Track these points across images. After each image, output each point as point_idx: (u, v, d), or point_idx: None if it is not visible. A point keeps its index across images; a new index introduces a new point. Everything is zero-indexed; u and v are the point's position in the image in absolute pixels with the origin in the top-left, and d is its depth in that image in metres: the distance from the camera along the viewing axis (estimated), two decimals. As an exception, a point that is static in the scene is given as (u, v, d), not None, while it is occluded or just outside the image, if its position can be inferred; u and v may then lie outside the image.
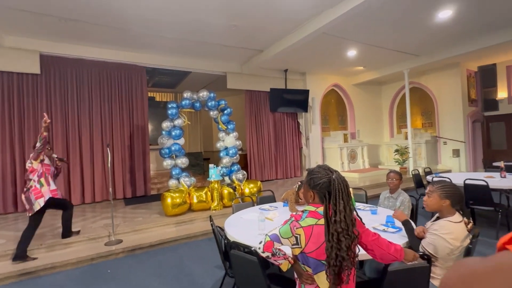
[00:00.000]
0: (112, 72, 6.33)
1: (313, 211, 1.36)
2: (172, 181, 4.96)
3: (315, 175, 1.37)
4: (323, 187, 1.33)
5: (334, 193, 1.29)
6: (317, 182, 1.35)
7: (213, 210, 4.93)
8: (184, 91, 5.22)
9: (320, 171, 1.37)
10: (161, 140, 4.96)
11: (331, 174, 1.33)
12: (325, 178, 1.32)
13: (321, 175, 1.35)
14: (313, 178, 1.37)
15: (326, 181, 1.32)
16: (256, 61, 7.37)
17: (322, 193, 1.33)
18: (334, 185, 1.30)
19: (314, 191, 1.37)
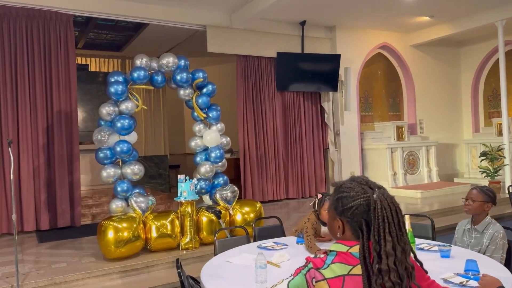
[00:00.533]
0: (17, 24, 6.30)
1: (343, 252, 1.34)
2: (117, 203, 4.95)
3: (345, 194, 1.34)
4: (357, 214, 1.31)
5: (376, 223, 1.26)
6: (348, 205, 1.32)
7: (184, 249, 4.93)
8: (137, 56, 5.22)
9: (353, 186, 1.34)
10: (98, 136, 4.96)
11: (370, 192, 1.30)
12: (362, 198, 1.30)
13: (355, 193, 1.32)
14: (341, 199, 1.35)
15: (362, 204, 1.30)
16: (255, 8, 7.37)
17: (357, 223, 1.31)
18: (376, 211, 1.26)
19: (343, 219, 1.35)
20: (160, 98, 11.39)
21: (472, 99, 11.09)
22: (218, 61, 10.55)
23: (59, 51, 6.56)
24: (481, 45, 10.68)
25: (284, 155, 8.73)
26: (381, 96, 10.32)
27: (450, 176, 10.54)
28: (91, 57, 10.64)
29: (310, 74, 8.72)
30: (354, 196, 1.32)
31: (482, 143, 9.50)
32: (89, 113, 9.90)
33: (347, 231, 1.36)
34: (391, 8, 8.19)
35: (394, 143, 9.24)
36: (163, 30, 8.16)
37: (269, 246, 3.14)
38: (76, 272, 4.33)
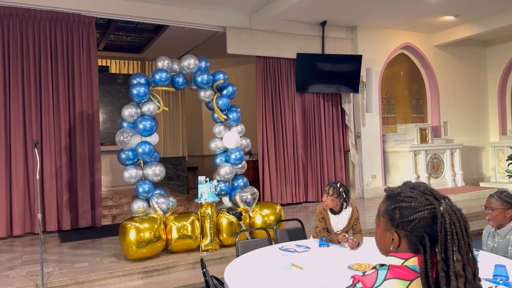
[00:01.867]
0: (41, 27, 6.51)
1: (397, 266, 1.19)
2: (138, 203, 5.05)
3: (405, 204, 1.19)
4: (419, 227, 1.16)
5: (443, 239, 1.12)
6: (409, 217, 1.17)
7: (204, 251, 4.99)
8: (158, 58, 5.32)
9: (415, 196, 1.19)
10: (120, 137, 5.08)
11: (436, 204, 1.16)
12: (426, 210, 1.16)
13: (418, 203, 1.17)
14: (400, 209, 1.20)
15: (427, 217, 1.15)
16: (275, 9, 7.42)
17: (417, 238, 1.17)
18: (443, 226, 1.12)
19: (400, 232, 1.20)
20: (179, 99, 11.54)
21: (499, 100, 10.87)
22: (238, 62, 10.64)
23: (81, 53, 6.74)
24: (509, 44, 10.48)
25: (303, 157, 8.73)
26: (404, 97, 10.22)
27: (475, 180, 10.36)
28: (112, 59, 10.86)
29: (331, 75, 8.71)
30: (417, 208, 1.17)
31: (509, 146, 9.31)
32: (109, 115, 10.11)
33: (403, 244, 1.21)
34: (414, 8, 8.12)
35: (418, 145, 9.14)
36: (183, 31, 8.28)
37: (291, 249, 3.18)
38: (99, 272, 4.44)
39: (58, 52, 6.58)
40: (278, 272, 2.61)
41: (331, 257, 2.99)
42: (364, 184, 9.09)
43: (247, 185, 5.76)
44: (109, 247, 5.52)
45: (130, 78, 5.19)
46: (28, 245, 5.77)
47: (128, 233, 4.64)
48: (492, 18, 8.87)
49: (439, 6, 8.08)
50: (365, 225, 6.34)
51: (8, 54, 6.27)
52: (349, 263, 2.65)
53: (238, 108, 5.78)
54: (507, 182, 9.32)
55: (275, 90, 8.50)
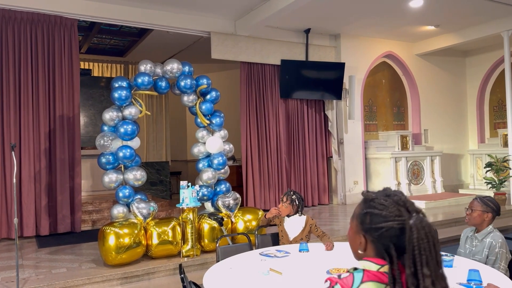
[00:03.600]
0: (21, 28, 6.41)
1: (372, 272, 1.19)
2: (118, 208, 4.99)
3: (376, 210, 1.20)
4: (386, 236, 1.17)
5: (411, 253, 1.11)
6: (378, 225, 1.18)
7: (185, 257, 4.96)
8: (141, 62, 5.30)
9: (387, 204, 1.19)
10: (101, 141, 5.02)
11: (407, 216, 1.15)
12: (395, 221, 1.16)
13: (388, 213, 1.17)
14: (371, 215, 1.21)
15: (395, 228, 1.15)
16: (260, 16, 7.47)
17: (383, 246, 1.18)
18: (411, 239, 1.11)
19: (367, 237, 1.22)
20: (162, 104, 11.48)
21: (478, 109, 11.13)
22: (222, 67, 10.65)
23: (63, 55, 6.66)
24: (487, 55, 10.75)
25: (287, 163, 8.77)
26: (386, 105, 10.38)
27: (454, 187, 10.55)
28: (94, 62, 10.75)
29: (314, 82, 8.79)
30: (387, 217, 1.17)
31: (487, 154, 9.52)
32: (91, 118, 9.98)
33: (370, 250, 1.23)
34: (396, 17, 8.28)
35: (398, 152, 9.27)
36: (167, 36, 8.27)
37: (271, 254, 3.18)
38: (76, 278, 4.36)
39: (38, 54, 6.48)
40: (257, 277, 2.61)
41: (310, 262, 3.00)
42: (346, 190, 9.17)
43: (230, 190, 5.76)
44: (88, 252, 5.43)
45: (112, 81, 5.15)
46: (4, 251, 5.64)
47: (107, 238, 4.57)
48: (471, 29, 9.10)
49: (420, 16, 8.25)
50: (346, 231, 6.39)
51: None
52: (327, 268, 2.67)
53: (221, 113, 5.78)
54: (485, 189, 9.51)
55: (259, 96, 8.53)
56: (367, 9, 7.73)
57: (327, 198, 9.18)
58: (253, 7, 7.49)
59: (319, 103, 9.18)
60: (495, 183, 8.64)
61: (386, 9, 7.76)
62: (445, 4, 7.64)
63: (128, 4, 7.10)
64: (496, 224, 3.08)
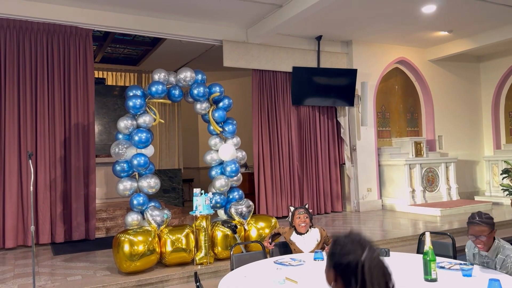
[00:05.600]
0: (38, 38, 6.54)
1: None
2: (132, 216, 5.02)
3: (337, 249, 1.42)
4: (347, 271, 1.37)
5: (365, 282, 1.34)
6: (340, 261, 1.40)
7: (198, 264, 4.95)
8: (155, 71, 5.35)
9: (346, 243, 1.42)
10: (116, 149, 5.07)
11: (360, 252, 1.37)
12: (351, 256, 1.37)
13: (347, 249, 1.39)
14: (334, 254, 1.43)
15: (351, 262, 1.36)
16: (271, 23, 7.51)
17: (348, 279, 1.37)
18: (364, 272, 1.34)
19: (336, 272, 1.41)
20: (175, 112, 11.56)
21: (493, 115, 10.97)
22: (234, 75, 10.71)
23: (78, 65, 6.77)
24: (502, 60, 10.62)
25: (299, 170, 8.74)
26: (399, 111, 10.30)
27: (470, 194, 10.39)
28: (108, 71, 10.90)
29: (326, 89, 8.77)
30: (346, 253, 1.39)
31: (503, 160, 9.36)
32: (105, 126, 10.09)
33: (339, 283, 1.41)
34: (408, 23, 8.24)
35: (413, 159, 9.17)
36: (180, 44, 8.35)
37: (286, 262, 3.16)
38: (91, 285, 4.38)
39: (54, 64, 6.60)
40: (272, 286, 2.60)
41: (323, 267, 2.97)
42: (359, 197, 9.09)
43: (243, 197, 5.75)
44: (102, 260, 5.46)
45: (127, 90, 5.21)
46: (20, 258, 5.70)
47: (122, 246, 4.59)
48: (484, 34, 9.01)
49: (433, 22, 8.20)
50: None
51: (5, 66, 6.29)
52: (343, 277, 2.63)
53: (234, 120, 5.79)
54: (502, 196, 9.35)
55: (271, 103, 8.54)
56: (379, 15, 7.71)
57: (340, 206, 9.11)
58: (265, 15, 7.53)
59: (331, 109, 9.15)
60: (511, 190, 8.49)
61: (398, 14, 7.73)
62: (458, 9, 7.58)
63: (142, 14, 7.20)
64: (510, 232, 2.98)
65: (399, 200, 9.03)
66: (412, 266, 2.89)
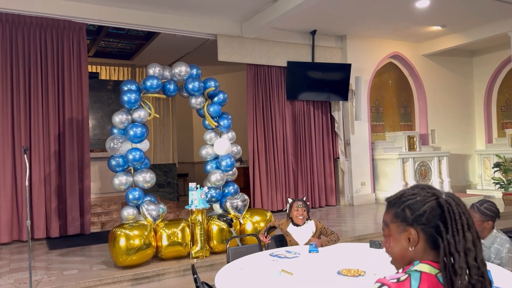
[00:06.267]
0: (31, 32, 6.49)
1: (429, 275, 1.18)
2: (128, 210, 5.03)
3: (411, 200, 1.23)
4: (432, 217, 1.19)
5: (453, 222, 1.17)
6: (420, 210, 1.20)
7: (194, 258, 4.99)
8: (150, 65, 5.35)
9: (417, 192, 1.24)
10: (111, 144, 5.07)
11: (439, 193, 1.22)
12: (432, 200, 1.20)
13: (423, 197, 1.22)
14: (409, 206, 1.22)
15: (435, 206, 1.20)
16: (266, 18, 7.51)
17: (433, 228, 1.19)
18: (451, 210, 1.18)
19: (417, 227, 1.21)
20: (169, 106, 11.54)
21: (485, 109, 11.08)
22: (229, 69, 10.70)
23: (72, 59, 6.74)
24: (494, 54, 10.70)
25: (293, 164, 8.78)
26: (392, 105, 10.36)
27: (462, 188, 10.50)
28: (102, 65, 10.84)
29: (320, 83, 8.80)
30: (424, 200, 1.21)
31: (495, 154, 9.47)
32: (99, 121, 10.06)
33: (421, 241, 1.21)
34: (402, 18, 8.28)
35: (406, 153, 9.25)
36: (174, 39, 8.32)
37: (282, 255, 3.20)
38: (88, 279, 4.41)
39: (48, 58, 6.56)
40: (268, 277, 2.64)
41: (320, 263, 3.02)
42: (353, 191, 9.17)
43: (238, 191, 5.78)
44: (98, 254, 5.48)
45: (121, 85, 5.20)
46: (16, 253, 5.70)
47: (118, 240, 4.61)
48: (477, 29, 9.07)
49: (426, 17, 8.24)
50: (355, 232, 6.40)
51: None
52: (338, 269, 2.68)
53: (229, 115, 5.81)
54: (493, 189, 9.48)
55: (266, 97, 8.56)
56: (373, 10, 7.74)
57: (334, 199, 9.18)
58: (259, 10, 7.53)
59: (326, 104, 9.19)
60: (503, 183, 8.61)
61: (392, 9, 7.76)
62: (452, 4, 7.63)
63: (135, 8, 7.16)
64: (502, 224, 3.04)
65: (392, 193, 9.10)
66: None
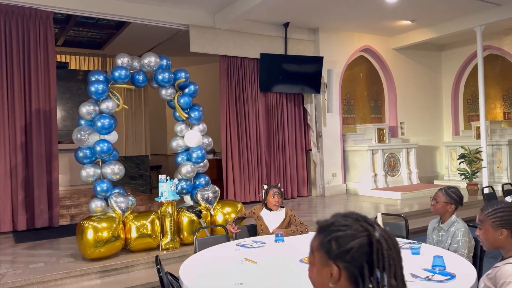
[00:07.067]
0: (-3, 21, 6.28)
1: None
2: (96, 202, 4.98)
3: (340, 232, 1.10)
4: (358, 256, 1.07)
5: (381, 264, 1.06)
6: (347, 246, 1.08)
7: (164, 249, 4.99)
8: (118, 55, 5.27)
9: (349, 223, 1.11)
10: (78, 135, 4.99)
11: (371, 230, 1.09)
12: (363, 236, 1.08)
13: (354, 231, 1.09)
14: (337, 238, 1.09)
15: (364, 242, 1.07)
16: (239, 9, 7.48)
17: (357, 268, 1.07)
18: (381, 251, 1.06)
19: (339, 264, 1.09)
20: (142, 97, 11.38)
21: (453, 102, 11.42)
22: (201, 61, 10.60)
23: (39, 49, 6.55)
24: (462, 49, 11.00)
25: (266, 156, 8.85)
26: (363, 98, 10.55)
27: (430, 178, 10.83)
28: (71, 54, 10.57)
29: (293, 76, 8.87)
30: (354, 235, 1.08)
31: (461, 145, 9.80)
32: (69, 112, 9.84)
33: (343, 279, 1.09)
34: (373, 12, 8.40)
35: (375, 145, 9.45)
36: (145, 28, 8.20)
37: (248, 244, 3.25)
38: (54, 272, 4.35)
39: (13, 47, 6.36)
40: (232, 266, 2.68)
41: (284, 252, 3.09)
42: (324, 182, 9.32)
43: (209, 183, 5.80)
44: (66, 247, 5.40)
45: (89, 75, 5.11)
46: (-20, 247, 5.56)
47: (85, 232, 4.57)
48: (445, 24, 9.30)
49: (396, 11, 8.39)
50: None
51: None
52: (300, 257, 2.75)
53: (200, 107, 5.80)
54: (459, 180, 9.81)
55: (239, 89, 8.57)
56: (345, 3, 7.83)
57: (306, 190, 9.32)
58: (232, 1, 7.49)
59: (298, 96, 9.27)
60: (468, 174, 8.92)
61: (363, 3, 7.86)
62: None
63: (105, -4, 7.01)
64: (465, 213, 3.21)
65: (362, 184, 9.32)
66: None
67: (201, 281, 2.50)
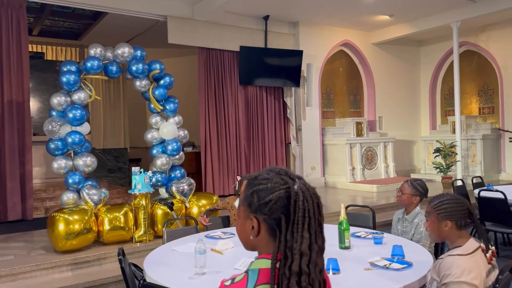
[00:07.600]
0: (-34, 9, 6.11)
1: (267, 269, 1.08)
2: (68, 194, 4.94)
3: (261, 186, 1.12)
4: (276, 209, 1.09)
5: (295, 218, 1.07)
6: (266, 199, 1.10)
7: (138, 242, 4.97)
8: (90, 46, 5.19)
9: (271, 177, 1.13)
10: (49, 126, 4.92)
11: (291, 183, 1.11)
12: (282, 190, 1.09)
13: (274, 184, 1.11)
14: (257, 192, 1.12)
15: (282, 196, 1.09)
16: (218, 0, 7.43)
17: (274, 220, 1.09)
18: (297, 204, 1.07)
19: (258, 216, 1.11)
20: (119, 89, 11.24)
21: (430, 97, 11.60)
22: (181, 53, 10.53)
23: (11, 38, 6.40)
24: (439, 45, 11.17)
25: (246, 149, 8.87)
26: (343, 92, 10.63)
27: (407, 172, 11.01)
28: (48, 45, 10.36)
29: (273, 69, 8.87)
30: (273, 188, 1.10)
31: (437, 140, 9.97)
32: (45, 103, 9.66)
33: (263, 231, 1.12)
34: (352, 6, 8.45)
35: (354, 139, 9.56)
36: (123, 19, 8.08)
37: (216, 235, 3.27)
38: (24, 265, 4.30)
39: (-16, 36, 6.21)
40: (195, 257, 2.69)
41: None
42: (304, 175, 9.37)
43: (185, 176, 5.78)
44: (39, 240, 5.34)
45: (60, 65, 5.03)
46: (-51, 240, 5.46)
47: (56, 224, 4.52)
48: (423, 19, 9.42)
49: (374, 6, 8.46)
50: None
51: None
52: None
53: (176, 98, 5.76)
54: (435, 173, 10.00)
55: (218, 82, 8.53)
56: (323, -2, 7.85)
57: (285, 183, 9.35)
58: (211, -7, 7.44)
59: (278, 90, 9.29)
60: (443, 167, 9.10)
61: (342, -2, 7.91)
62: (398, -6, 7.87)
63: (80, -15, 6.88)
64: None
65: (340, 177, 9.43)
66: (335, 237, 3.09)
67: (164, 271, 2.50)
